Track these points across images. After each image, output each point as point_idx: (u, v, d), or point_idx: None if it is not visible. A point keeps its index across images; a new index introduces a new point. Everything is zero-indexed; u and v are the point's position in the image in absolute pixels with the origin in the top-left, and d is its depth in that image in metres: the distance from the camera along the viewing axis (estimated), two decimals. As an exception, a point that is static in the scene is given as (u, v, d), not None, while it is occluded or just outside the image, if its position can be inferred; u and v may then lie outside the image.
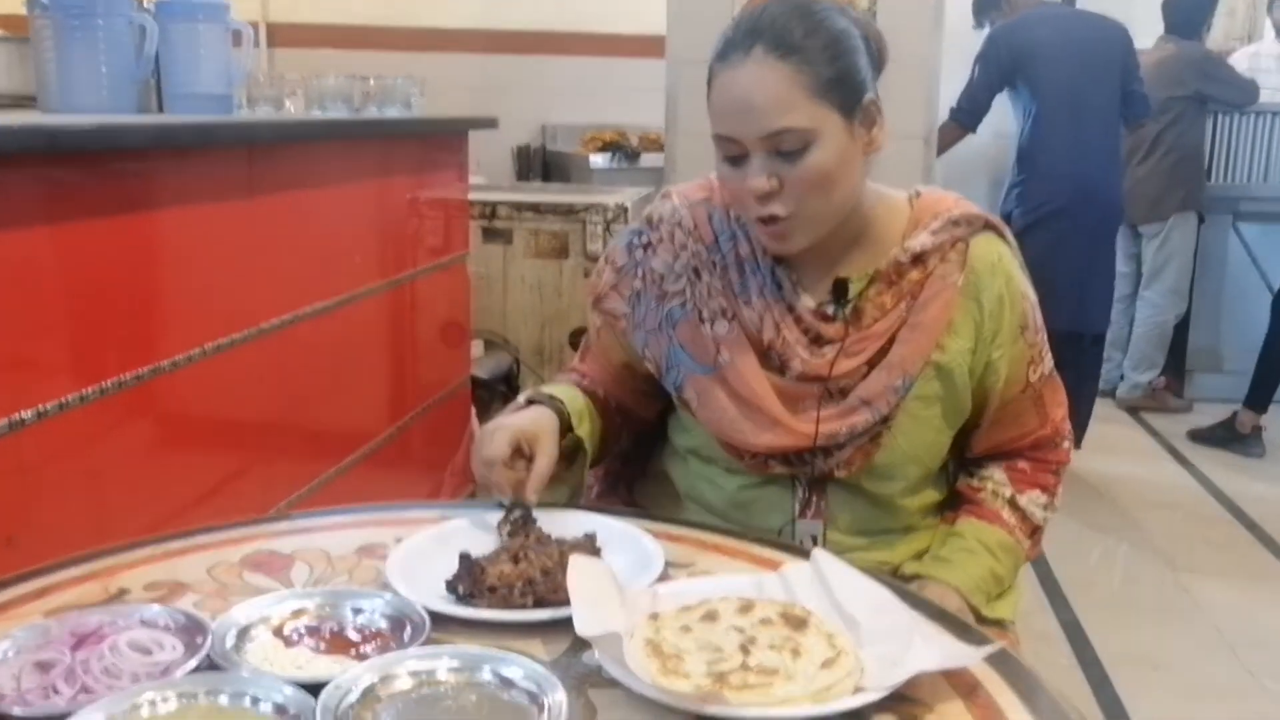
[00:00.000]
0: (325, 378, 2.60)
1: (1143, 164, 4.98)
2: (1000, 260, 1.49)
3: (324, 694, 0.97)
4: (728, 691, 0.99)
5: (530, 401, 1.49)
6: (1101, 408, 4.65)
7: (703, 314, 1.49)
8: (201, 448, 2.13)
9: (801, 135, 1.33)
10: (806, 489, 1.50)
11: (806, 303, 1.47)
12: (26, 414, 1.61)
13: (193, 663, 1.04)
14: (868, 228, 1.48)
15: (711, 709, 0.98)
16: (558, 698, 0.99)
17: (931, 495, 1.58)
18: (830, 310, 1.47)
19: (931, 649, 1.07)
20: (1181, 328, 5.31)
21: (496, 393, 3.84)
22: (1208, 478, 4.41)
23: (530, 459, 1.40)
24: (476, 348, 3.77)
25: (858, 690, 1.02)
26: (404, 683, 1.02)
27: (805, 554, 1.31)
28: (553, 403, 1.48)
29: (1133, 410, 5.19)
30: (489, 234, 3.97)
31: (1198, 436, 4.78)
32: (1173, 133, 4.94)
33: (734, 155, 1.38)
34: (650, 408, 1.64)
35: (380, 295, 2.88)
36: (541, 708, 0.98)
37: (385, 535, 1.39)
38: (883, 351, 1.45)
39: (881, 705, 1.01)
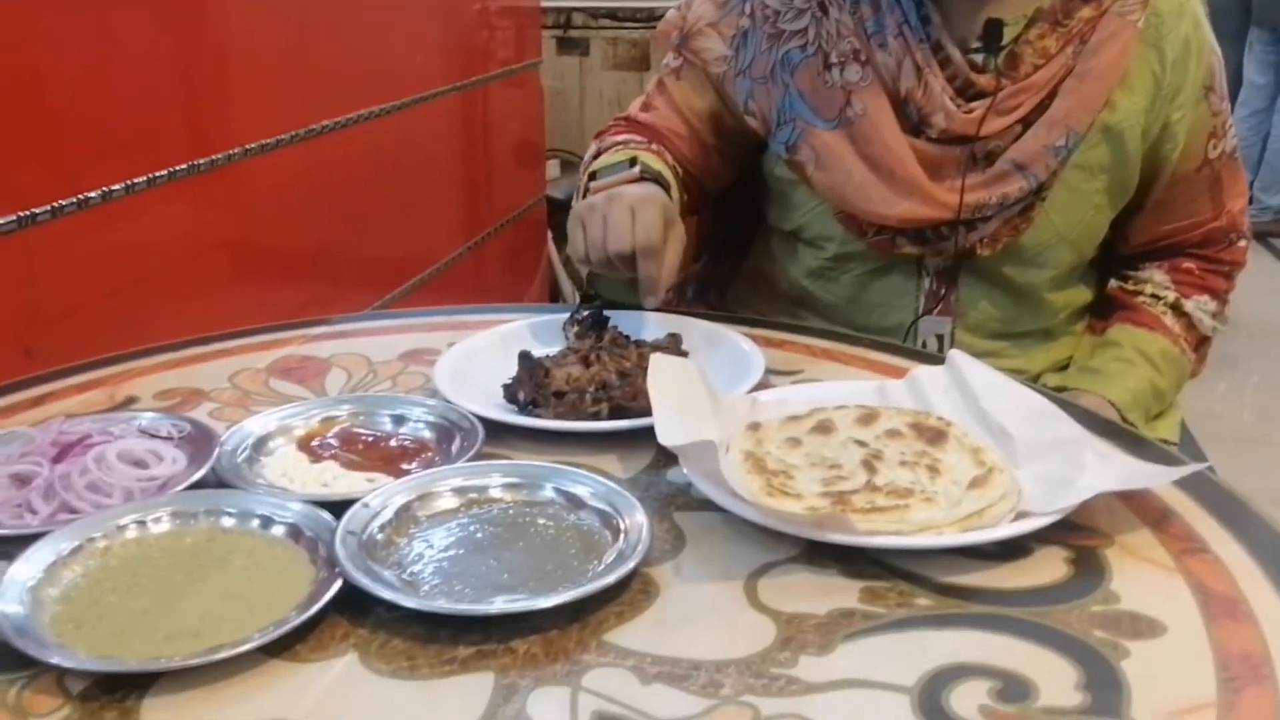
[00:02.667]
0: (385, 192, 2.39)
1: (1289, -43, 4.47)
2: (1188, 2, 1.21)
3: (349, 514, 0.79)
4: (851, 514, 0.78)
5: (642, 177, 1.20)
6: (1228, 232, 4.27)
7: (829, 57, 1.24)
8: (242, 264, 1.94)
9: None
10: (934, 279, 1.27)
11: (952, 47, 1.21)
12: (39, 210, 1.43)
13: (195, 478, 0.85)
14: None
15: (831, 535, 0.77)
16: (636, 519, 0.79)
17: (1080, 293, 1.34)
18: (980, 59, 1.20)
19: (1109, 466, 0.84)
20: (1319, 146, 4.86)
21: (574, 216, 3.61)
22: (1344, 306, 4.06)
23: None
24: (552, 168, 3.53)
25: (1018, 516, 0.80)
26: (448, 501, 0.83)
27: (937, 360, 1.09)
28: (661, 182, 1.21)
29: (1261, 236, 4.78)
30: (564, 45, 3.68)
31: (1333, 263, 4.40)
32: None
33: None
34: (722, 177, 1.39)
35: (444, 102, 2.64)
36: (616, 531, 0.79)
37: (436, 340, 1.20)
38: (1041, 108, 1.19)
39: (1047, 535, 0.79)
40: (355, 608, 0.72)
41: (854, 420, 0.93)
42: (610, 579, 0.72)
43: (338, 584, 0.71)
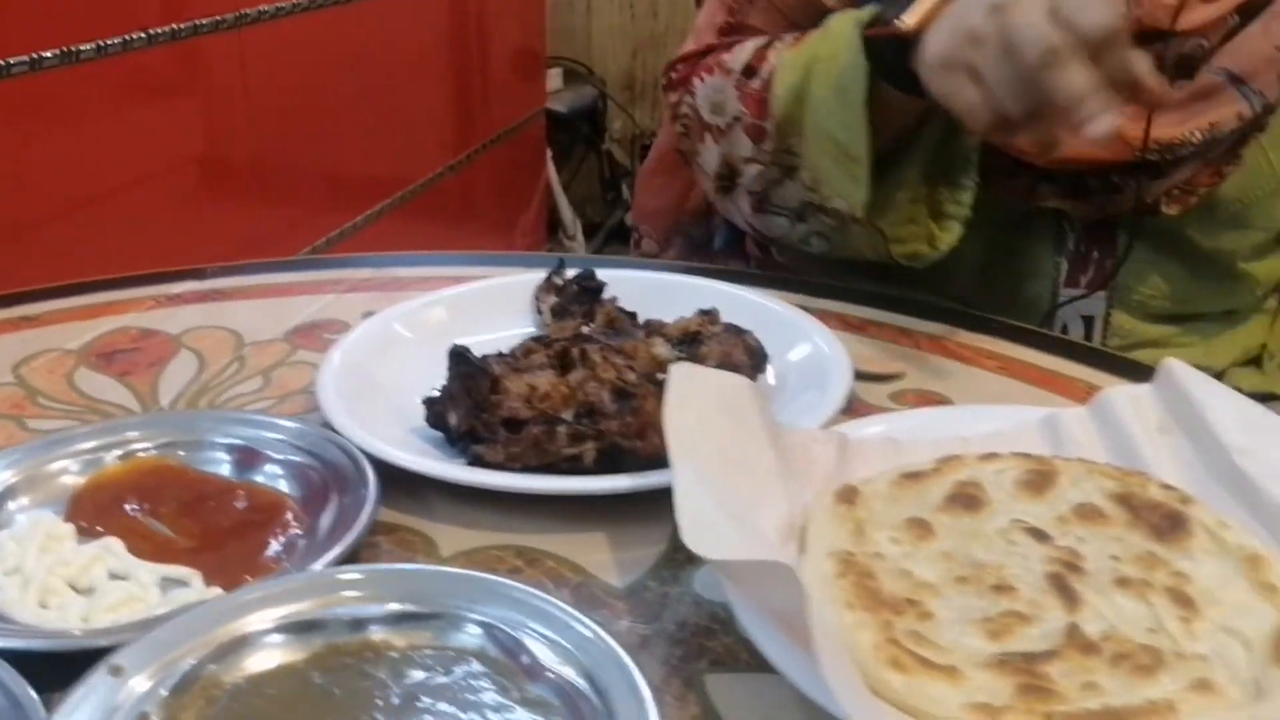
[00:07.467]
0: (347, 96, 1.98)
1: None
2: None
3: (79, 691, 0.40)
4: (1063, 724, 0.40)
5: None
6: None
7: None
8: (157, 183, 1.54)
9: None
10: (1082, 240, 0.87)
11: None
12: None
13: None
14: None
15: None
16: (634, 708, 0.40)
17: (1280, 259, 0.94)
18: None
19: None
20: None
21: (578, 133, 3.19)
22: None
23: None
24: (553, 78, 3.10)
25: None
26: (278, 652, 0.44)
27: (1120, 365, 0.70)
28: None
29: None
30: (570, -64, 3.23)
31: None
32: None
33: None
34: None
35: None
36: (597, 735, 0.40)
37: (350, 306, 0.81)
38: None
39: None
40: None
41: (1017, 484, 0.54)
42: None
43: None
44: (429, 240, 2.26)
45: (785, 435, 0.57)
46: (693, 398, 0.55)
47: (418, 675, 0.44)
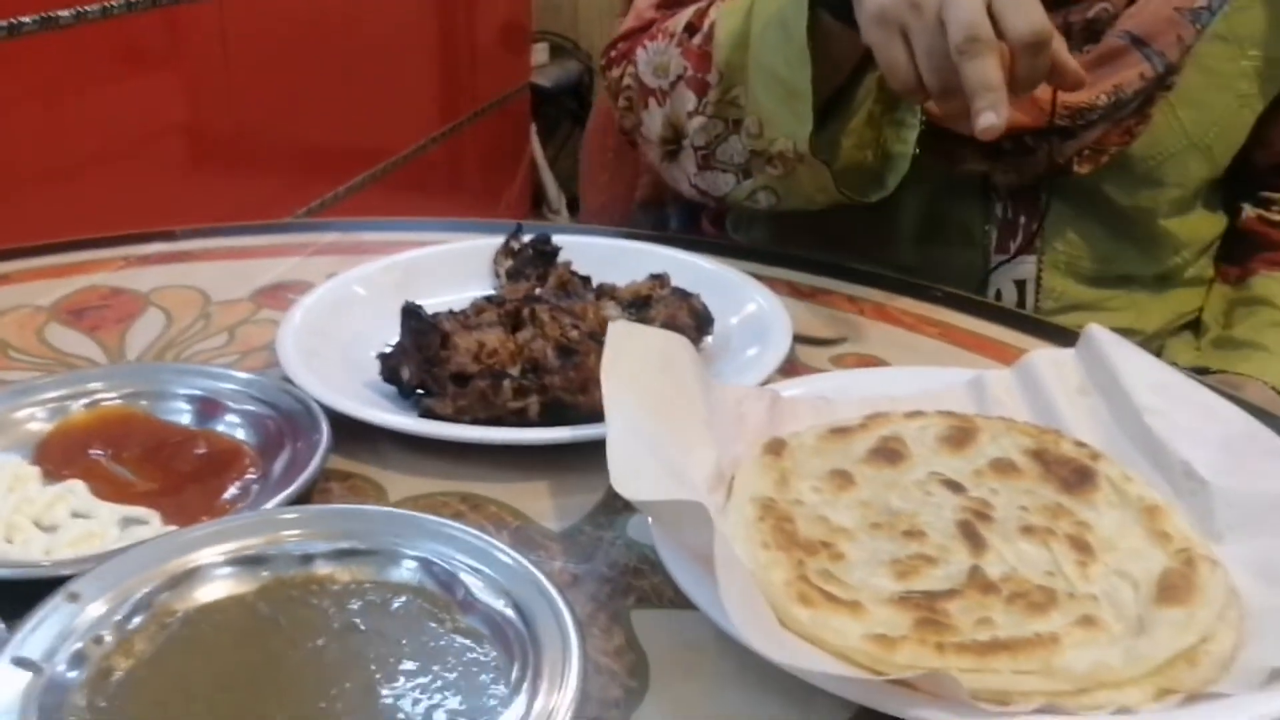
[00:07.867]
0: (329, 65, 1.99)
1: None
2: None
3: (36, 618, 0.43)
4: (952, 654, 0.43)
5: None
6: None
7: None
8: (132, 154, 1.56)
9: None
10: (1010, 204, 0.90)
11: None
12: None
13: None
14: None
15: (923, 713, 0.41)
16: (558, 640, 0.43)
17: (1206, 222, 0.97)
18: None
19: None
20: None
21: (564, 108, 3.20)
22: None
23: None
24: (539, 52, 3.11)
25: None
26: (227, 583, 0.47)
27: (1050, 331, 0.73)
28: None
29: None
30: (557, -90, 3.23)
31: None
32: None
33: None
34: None
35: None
36: (523, 661, 0.43)
37: (315, 268, 0.83)
38: None
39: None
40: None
41: (938, 440, 0.57)
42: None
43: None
44: (411, 212, 2.27)
45: (719, 391, 0.59)
46: (630, 354, 0.57)
47: (358, 606, 0.47)
